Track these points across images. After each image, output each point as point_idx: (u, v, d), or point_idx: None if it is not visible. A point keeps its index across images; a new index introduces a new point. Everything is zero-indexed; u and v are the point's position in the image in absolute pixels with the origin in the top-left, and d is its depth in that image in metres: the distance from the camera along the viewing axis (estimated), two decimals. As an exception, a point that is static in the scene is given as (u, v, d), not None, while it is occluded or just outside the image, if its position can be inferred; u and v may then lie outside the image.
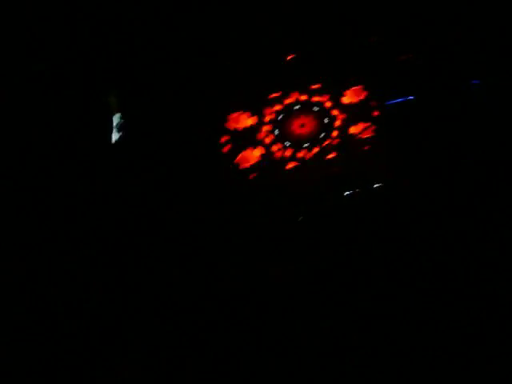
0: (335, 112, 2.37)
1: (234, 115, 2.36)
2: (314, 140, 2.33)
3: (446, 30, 2.38)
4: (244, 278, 2.12)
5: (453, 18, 2.39)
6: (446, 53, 2.39)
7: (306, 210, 2.25)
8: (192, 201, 2.24)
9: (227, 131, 2.37)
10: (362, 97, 2.38)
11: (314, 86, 2.36)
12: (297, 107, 2.37)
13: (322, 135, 2.34)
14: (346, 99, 2.39)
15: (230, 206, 2.23)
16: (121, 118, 2.41)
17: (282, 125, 2.35)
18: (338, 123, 2.36)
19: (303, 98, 2.37)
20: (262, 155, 2.32)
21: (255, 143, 2.35)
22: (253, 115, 2.38)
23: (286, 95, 2.37)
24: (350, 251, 2.21)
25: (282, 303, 2.07)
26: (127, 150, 2.38)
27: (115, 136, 2.39)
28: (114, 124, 2.40)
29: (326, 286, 2.12)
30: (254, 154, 2.35)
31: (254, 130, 2.35)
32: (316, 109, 2.36)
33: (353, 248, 2.21)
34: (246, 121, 2.37)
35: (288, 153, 2.34)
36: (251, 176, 2.30)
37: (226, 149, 2.35)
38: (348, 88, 2.38)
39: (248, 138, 2.35)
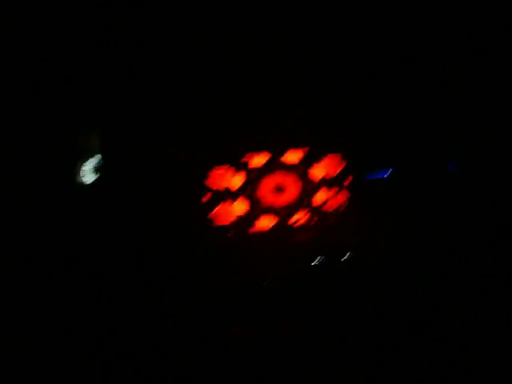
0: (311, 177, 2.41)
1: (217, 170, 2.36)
2: (287, 205, 2.36)
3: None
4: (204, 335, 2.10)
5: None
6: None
7: (274, 274, 2.25)
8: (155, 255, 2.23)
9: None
10: (338, 167, 2.43)
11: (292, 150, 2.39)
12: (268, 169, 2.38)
13: (295, 201, 2.36)
14: (321, 167, 2.42)
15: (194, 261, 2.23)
16: (101, 159, 2.41)
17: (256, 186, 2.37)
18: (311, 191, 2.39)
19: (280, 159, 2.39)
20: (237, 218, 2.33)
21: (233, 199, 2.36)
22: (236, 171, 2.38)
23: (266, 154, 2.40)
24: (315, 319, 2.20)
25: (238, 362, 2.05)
26: (104, 192, 2.37)
27: (91, 177, 2.39)
28: (92, 165, 2.40)
29: (287, 351, 2.11)
30: (234, 211, 2.35)
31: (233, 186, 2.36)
32: (290, 173, 2.38)
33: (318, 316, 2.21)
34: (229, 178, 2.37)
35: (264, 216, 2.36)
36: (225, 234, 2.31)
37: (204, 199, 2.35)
38: (325, 155, 2.41)
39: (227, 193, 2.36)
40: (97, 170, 2.39)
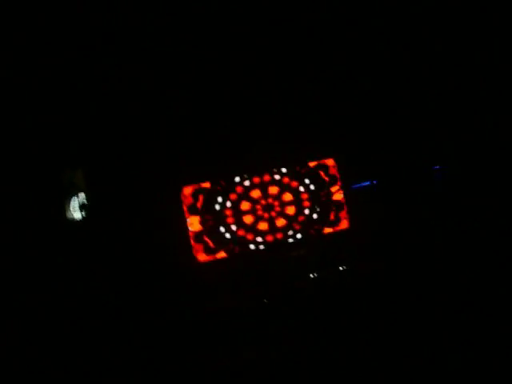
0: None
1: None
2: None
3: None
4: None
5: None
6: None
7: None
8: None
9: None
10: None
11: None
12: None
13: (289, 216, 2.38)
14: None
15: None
16: (85, 198, 2.39)
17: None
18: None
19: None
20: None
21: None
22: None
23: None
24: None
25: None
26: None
27: (76, 215, 2.37)
28: (76, 203, 2.38)
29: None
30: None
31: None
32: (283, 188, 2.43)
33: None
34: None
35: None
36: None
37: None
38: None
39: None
40: (82, 207, 2.37)
